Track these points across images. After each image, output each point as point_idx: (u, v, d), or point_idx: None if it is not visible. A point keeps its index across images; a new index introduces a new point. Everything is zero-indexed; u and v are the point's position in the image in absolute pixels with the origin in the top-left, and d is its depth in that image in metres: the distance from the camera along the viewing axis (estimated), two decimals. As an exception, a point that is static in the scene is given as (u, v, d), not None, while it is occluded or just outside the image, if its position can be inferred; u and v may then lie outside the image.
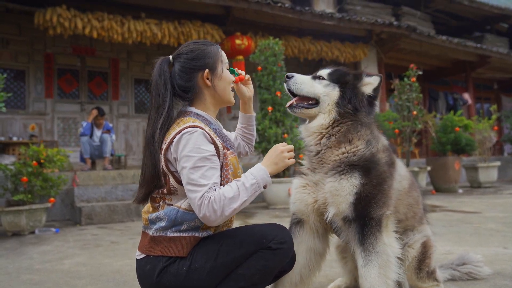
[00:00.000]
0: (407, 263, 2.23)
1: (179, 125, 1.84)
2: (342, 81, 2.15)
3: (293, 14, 9.61)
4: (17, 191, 5.69)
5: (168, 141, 1.82)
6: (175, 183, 1.83)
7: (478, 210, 6.17)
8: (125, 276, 3.28)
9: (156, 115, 1.88)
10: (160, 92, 1.90)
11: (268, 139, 7.30)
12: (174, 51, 2.04)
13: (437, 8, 15.03)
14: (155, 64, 1.97)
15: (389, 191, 2.04)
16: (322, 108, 2.13)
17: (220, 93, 1.98)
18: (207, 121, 1.95)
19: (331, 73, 2.19)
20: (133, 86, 10.75)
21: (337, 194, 1.99)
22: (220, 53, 2.02)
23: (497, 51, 13.80)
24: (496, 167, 10.32)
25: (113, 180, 7.73)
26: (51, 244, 4.84)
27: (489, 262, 3.01)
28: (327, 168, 2.08)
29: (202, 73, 1.94)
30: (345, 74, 2.19)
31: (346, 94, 2.11)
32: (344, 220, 2.00)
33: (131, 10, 8.89)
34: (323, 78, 2.18)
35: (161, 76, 1.92)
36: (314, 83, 2.17)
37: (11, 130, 9.19)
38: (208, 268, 1.79)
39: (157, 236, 1.84)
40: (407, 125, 8.89)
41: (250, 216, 6.49)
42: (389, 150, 2.19)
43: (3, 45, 9.28)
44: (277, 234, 1.86)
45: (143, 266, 1.86)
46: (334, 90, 2.13)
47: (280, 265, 1.90)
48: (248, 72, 2.59)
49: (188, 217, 1.83)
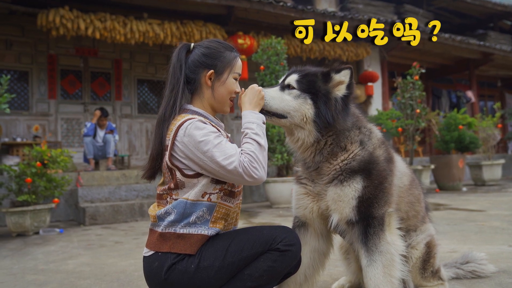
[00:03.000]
0: (411, 264, 2.21)
1: (178, 120, 1.87)
2: (312, 89, 2.01)
3: (295, 13, 9.60)
4: (21, 191, 5.72)
5: (172, 138, 1.83)
6: (181, 177, 1.84)
7: (483, 208, 6.15)
8: (129, 276, 3.28)
9: (170, 95, 1.94)
10: (176, 74, 1.96)
11: (271, 138, 7.29)
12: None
13: (440, 5, 15.00)
14: (176, 48, 2.03)
15: (390, 188, 2.03)
16: (294, 122, 2.02)
17: (217, 98, 1.98)
18: (206, 118, 1.95)
19: (300, 81, 2.04)
20: (136, 87, 10.77)
21: (340, 200, 1.98)
22: (234, 62, 2.01)
23: (501, 48, 13.74)
24: (500, 165, 10.28)
25: (116, 181, 7.75)
26: (56, 245, 4.86)
27: (494, 260, 3.00)
28: (328, 179, 2.04)
29: (207, 71, 1.96)
30: (314, 78, 2.04)
31: (320, 108, 1.98)
32: (348, 223, 1.99)
33: (133, 11, 8.91)
34: (292, 87, 2.03)
35: (178, 59, 1.98)
36: (283, 96, 2.03)
37: (15, 131, 9.22)
38: (216, 267, 1.80)
39: (166, 233, 1.85)
40: (410, 124, 8.86)
41: (253, 215, 6.49)
42: (385, 143, 2.14)
43: (7, 46, 9.31)
44: (286, 236, 1.87)
45: (151, 263, 1.87)
46: (305, 103, 2.00)
47: (288, 267, 1.90)
48: (251, 72, 2.60)
49: (196, 208, 1.84)
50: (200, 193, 1.84)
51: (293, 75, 2.08)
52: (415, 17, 13.62)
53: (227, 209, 1.92)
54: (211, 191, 1.86)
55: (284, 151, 7.26)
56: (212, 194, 1.86)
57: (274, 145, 7.35)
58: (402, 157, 10.61)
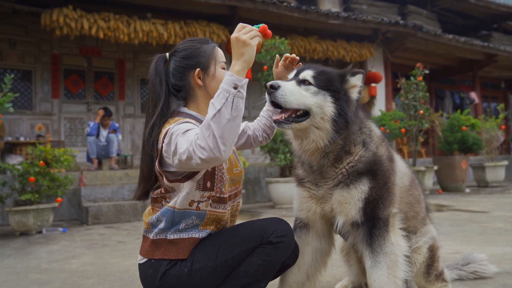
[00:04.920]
0: (415, 270, 2.19)
1: (170, 123, 1.80)
2: (332, 88, 1.93)
3: (299, 13, 9.60)
4: (25, 191, 5.73)
5: (161, 141, 1.77)
6: (168, 182, 1.82)
7: (486, 209, 6.13)
8: (132, 275, 3.29)
9: (152, 113, 1.86)
10: (156, 90, 1.88)
11: (274, 138, 7.29)
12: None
13: (444, 6, 14.95)
14: (152, 61, 1.95)
15: (393, 188, 2.01)
16: (314, 121, 1.89)
17: (212, 93, 1.77)
18: (198, 120, 1.90)
19: (317, 77, 1.93)
20: (139, 86, 10.78)
21: (346, 202, 1.95)
22: (215, 52, 1.96)
23: (504, 49, 13.71)
24: (504, 166, 10.25)
25: (119, 180, 7.76)
26: (59, 244, 4.87)
27: (497, 262, 2.99)
28: (333, 182, 1.99)
29: (194, 72, 1.91)
30: (332, 78, 1.96)
31: (343, 109, 1.90)
32: (353, 225, 1.98)
33: (137, 11, 8.92)
34: (309, 82, 1.92)
35: (156, 73, 1.90)
36: (302, 92, 1.89)
37: (18, 131, 9.25)
38: (210, 268, 1.79)
39: (158, 239, 1.84)
40: (413, 124, 8.84)
41: (256, 215, 6.49)
42: (385, 141, 2.11)
43: (10, 46, 9.34)
44: (276, 228, 1.85)
45: (146, 270, 1.86)
46: (326, 101, 1.90)
47: (282, 258, 1.88)
48: (254, 72, 2.58)
49: (185, 216, 1.82)
50: (187, 201, 1.80)
51: (308, 70, 1.96)
52: (418, 17, 13.63)
53: (218, 215, 1.88)
54: (199, 199, 1.81)
55: (287, 152, 7.25)
56: (200, 202, 1.82)
57: (277, 145, 7.35)
58: (405, 158, 10.59)
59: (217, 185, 1.84)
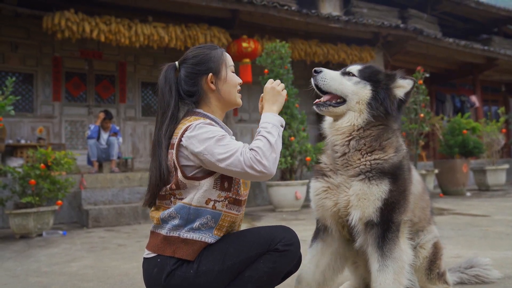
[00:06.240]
0: (418, 264, 2.23)
1: (190, 120, 1.87)
2: (374, 79, 2.06)
3: (300, 17, 9.61)
4: (25, 193, 5.73)
5: (180, 135, 1.83)
6: (182, 178, 1.82)
7: (487, 213, 6.12)
8: (132, 279, 3.28)
9: (162, 120, 1.92)
10: (165, 98, 1.95)
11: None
12: (181, 55, 2.07)
13: (444, 10, 14.98)
14: (162, 70, 2.02)
15: (409, 196, 2.05)
16: (351, 106, 2.03)
17: (225, 96, 2.00)
18: (216, 122, 1.96)
19: (362, 70, 2.09)
20: (140, 89, 10.79)
21: (365, 198, 1.97)
22: (224, 57, 2.03)
23: (505, 53, 13.71)
24: (505, 170, 10.25)
25: (120, 183, 7.76)
26: (59, 247, 4.86)
27: (499, 266, 2.98)
28: (354, 171, 2.02)
29: (206, 77, 1.97)
30: (377, 72, 2.09)
31: (379, 95, 2.01)
32: (366, 225, 1.99)
33: (138, 14, 8.93)
34: (353, 74, 2.08)
35: (166, 82, 1.97)
36: (343, 80, 2.06)
37: (19, 133, 9.25)
38: (216, 271, 1.79)
39: (171, 236, 1.84)
40: (414, 128, 8.85)
41: (257, 219, 6.48)
42: (408, 156, 2.18)
43: (12, 49, 9.35)
44: (284, 236, 1.87)
45: (151, 268, 1.86)
46: (365, 89, 2.03)
47: (287, 267, 1.90)
48: (255, 75, 2.60)
49: (200, 214, 1.83)
50: (204, 198, 1.82)
51: (356, 65, 2.13)
52: (419, 21, 13.65)
53: (232, 217, 1.90)
54: (216, 198, 1.84)
55: (288, 155, 7.25)
56: (217, 201, 1.84)
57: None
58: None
59: (234, 187, 1.88)
